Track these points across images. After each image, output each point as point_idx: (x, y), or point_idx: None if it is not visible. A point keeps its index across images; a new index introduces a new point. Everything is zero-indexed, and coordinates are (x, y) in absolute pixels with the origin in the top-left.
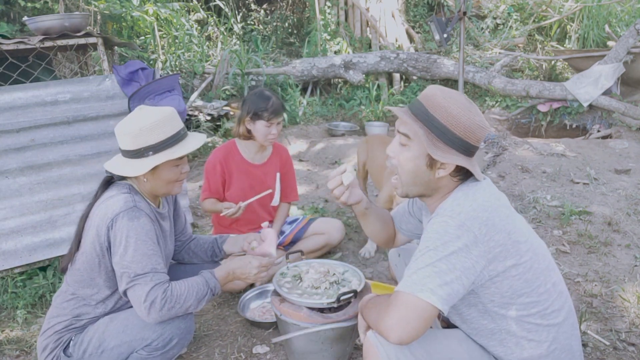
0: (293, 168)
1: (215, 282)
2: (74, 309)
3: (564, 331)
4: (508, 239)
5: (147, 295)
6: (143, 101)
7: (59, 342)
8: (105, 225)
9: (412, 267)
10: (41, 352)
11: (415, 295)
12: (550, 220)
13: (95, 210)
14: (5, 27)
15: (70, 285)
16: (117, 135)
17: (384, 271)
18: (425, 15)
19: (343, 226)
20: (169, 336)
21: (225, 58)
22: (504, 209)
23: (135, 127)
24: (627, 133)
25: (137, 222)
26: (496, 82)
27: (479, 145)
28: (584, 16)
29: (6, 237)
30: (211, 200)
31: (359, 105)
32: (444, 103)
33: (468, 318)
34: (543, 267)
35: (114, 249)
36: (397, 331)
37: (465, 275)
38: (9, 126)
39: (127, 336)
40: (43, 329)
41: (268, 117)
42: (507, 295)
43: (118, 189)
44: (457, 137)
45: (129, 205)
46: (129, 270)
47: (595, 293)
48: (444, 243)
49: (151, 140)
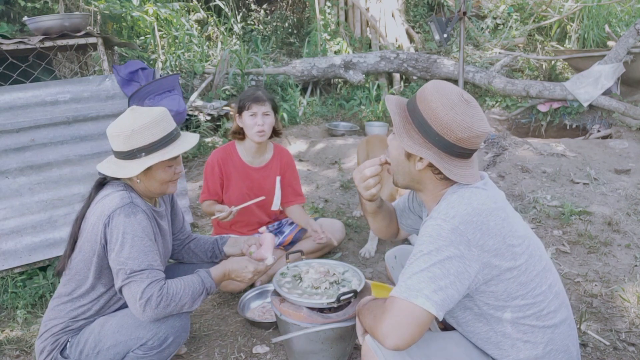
0: (296, 171)
1: (211, 282)
2: (70, 310)
3: (560, 332)
4: (503, 243)
5: (142, 293)
6: (143, 101)
7: (56, 345)
8: (102, 223)
9: (407, 272)
10: (39, 355)
11: (410, 301)
12: (550, 220)
13: (91, 210)
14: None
15: (66, 286)
16: (109, 136)
17: (384, 271)
18: (425, 15)
19: (343, 227)
20: (164, 335)
21: (225, 58)
22: (500, 212)
23: (127, 129)
24: (627, 133)
25: (134, 218)
26: (496, 82)
27: (464, 146)
28: (584, 16)
29: (6, 237)
30: (209, 201)
31: (359, 105)
32: (429, 96)
33: (463, 321)
34: (539, 269)
35: (110, 246)
36: (393, 338)
37: (460, 280)
38: (9, 126)
39: (123, 336)
40: (40, 332)
41: (249, 106)
42: (502, 298)
43: (113, 188)
44: (434, 131)
45: (125, 201)
46: (125, 267)
47: (595, 293)
48: (438, 248)
49: (143, 141)
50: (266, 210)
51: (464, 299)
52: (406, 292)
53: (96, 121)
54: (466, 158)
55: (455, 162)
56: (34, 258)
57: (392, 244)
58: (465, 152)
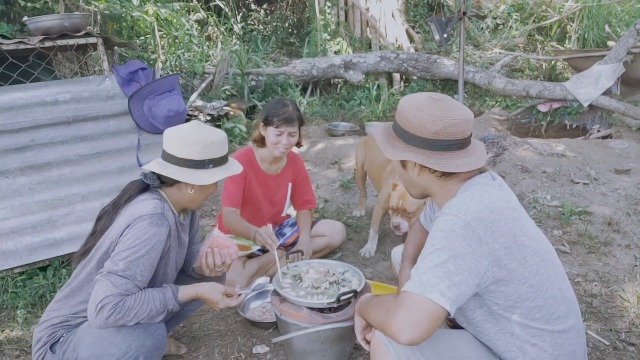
0: (307, 176)
1: (174, 303)
2: (73, 305)
3: (568, 338)
4: (513, 242)
5: (102, 299)
6: (143, 101)
7: (51, 337)
8: (126, 223)
9: (421, 267)
10: (35, 344)
11: (425, 296)
12: (550, 220)
13: (125, 212)
14: (5, 27)
15: (76, 279)
16: (182, 143)
17: (384, 271)
18: (425, 15)
19: (344, 228)
20: (134, 355)
21: (225, 58)
22: (511, 211)
23: (208, 140)
24: (627, 133)
25: (157, 229)
26: (496, 82)
27: (444, 138)
28: (584, 16)
29: (6, 237)
30: (231, 209)
31: (359, 105)
32: (401, 107)
33: (473, 321)
34: (550, 272)
35: (121, 239)
36: (408, 332)
37: (471, 276)
38: (9, 126)
39: (97, 349)
40: (41, 321)
41: (277, 124)
42: (512, 299)
43: (150, 195)
44: (411, 134)
45: (157, 210)
46: (114, 264)
47: (595, 293)
48: (451, 243)
49: (215, 154)
50: (275, 217)
51: (475, 298)
52: (421, 287)
53: (96, 121)
54: (457, 149)
55: (445, 155)
56: (34, 258)
57: (392, 243)
58: (450, 143)
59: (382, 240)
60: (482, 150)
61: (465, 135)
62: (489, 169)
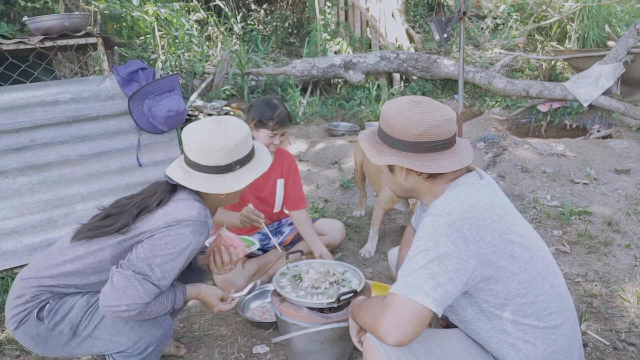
0: (298, 174)
1: (180, 304)
2: (69, 275)
3: (562, 334)
4: (500, 240)
5: (131, 303)
6: (143, 101)
7: (35, 299)
8: (166, 223)
9: (406, 269)
10: (14, 298)
11: (409, 297)
12: (550, 220)
13: (161, 211)
14: (5, 27)
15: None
16: (204, 150)
17: (384, 271)
18: (425, 15)
19: (344, 227)
20: (145, 344)
21: (225, 58)
22: (497, 209)
23: (231, 143)
24: (627, 133)
25: (198, 239)
26: (496, 82)
27: (427, 139)
28: (584, 16)
29: (6, 237)
30: None
31: (359, 105)
32: (384, 113)
33: (465, 319)
34: (541, 268)
35: (157, 240)
36: (395, 334)
37: (457, 276)
38: (9, 126)
39: (102, 334)
40: (26, 275)
41: (273, 127)
42: (502, 296)
43: (189, 195)
44: (395, 139)
45: (201, 218)
46: (149, 264)
47: (595, 293)
48: (435, 244)
49: (241, 153)
50: (269, 213)
51: (465, 296)
52: (405, 289)
53: (96, 121)
54: (442, 150)
55: (429, 157)
56: (34, 258)
57: (392, 243)
58: (434, 144)
59: (382, 240)
60: (468, 149)
61: (449, 136)
62: (476, 167)
